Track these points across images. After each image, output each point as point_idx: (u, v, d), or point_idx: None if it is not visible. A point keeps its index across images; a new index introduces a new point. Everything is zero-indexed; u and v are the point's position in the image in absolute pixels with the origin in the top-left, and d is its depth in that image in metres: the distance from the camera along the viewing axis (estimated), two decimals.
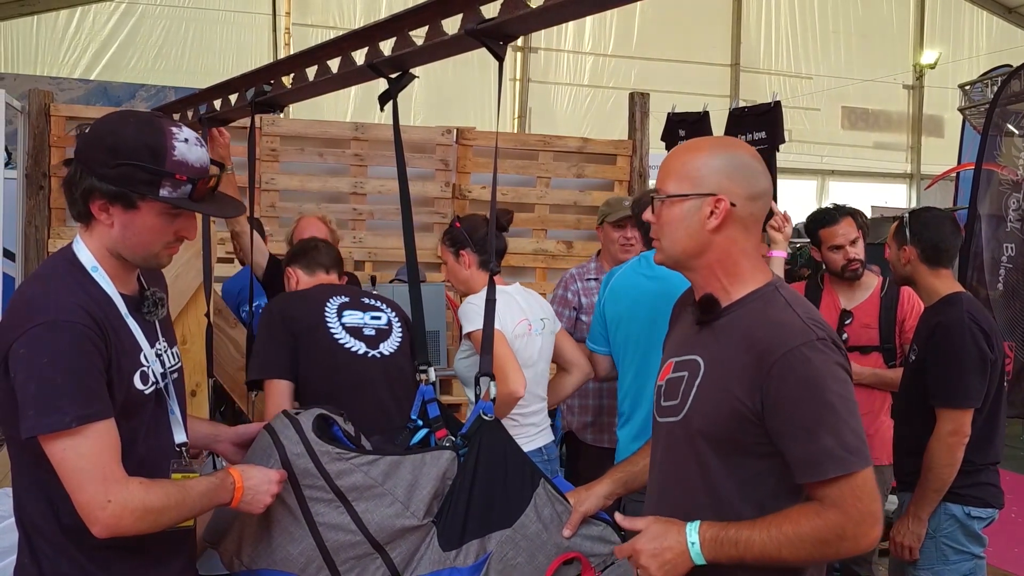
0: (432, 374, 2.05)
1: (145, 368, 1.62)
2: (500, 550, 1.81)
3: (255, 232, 3.27)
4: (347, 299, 2.64)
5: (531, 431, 2.80)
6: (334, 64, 2.23)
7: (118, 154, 1.53)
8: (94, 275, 1.60)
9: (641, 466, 1.88)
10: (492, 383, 1.92)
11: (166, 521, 1.55)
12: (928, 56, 16.52)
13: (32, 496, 1.59)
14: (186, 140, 1.58)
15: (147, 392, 1.62)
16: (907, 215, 2.84)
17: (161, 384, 1.66)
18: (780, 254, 3.13)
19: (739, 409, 1.51)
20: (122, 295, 1.63)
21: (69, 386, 1.47)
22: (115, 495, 1.48)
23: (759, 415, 1.50)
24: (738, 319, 1.57)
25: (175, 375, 1.74)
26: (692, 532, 1.52)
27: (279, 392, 2.42)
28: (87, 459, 1.47)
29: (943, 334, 2.65)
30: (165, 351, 1.71)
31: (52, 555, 1.58)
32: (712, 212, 1.57)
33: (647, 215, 1.66)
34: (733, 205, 1.57)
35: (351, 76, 2.18)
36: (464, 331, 2.70)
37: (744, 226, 1.60)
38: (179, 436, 1.70)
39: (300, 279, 2.75)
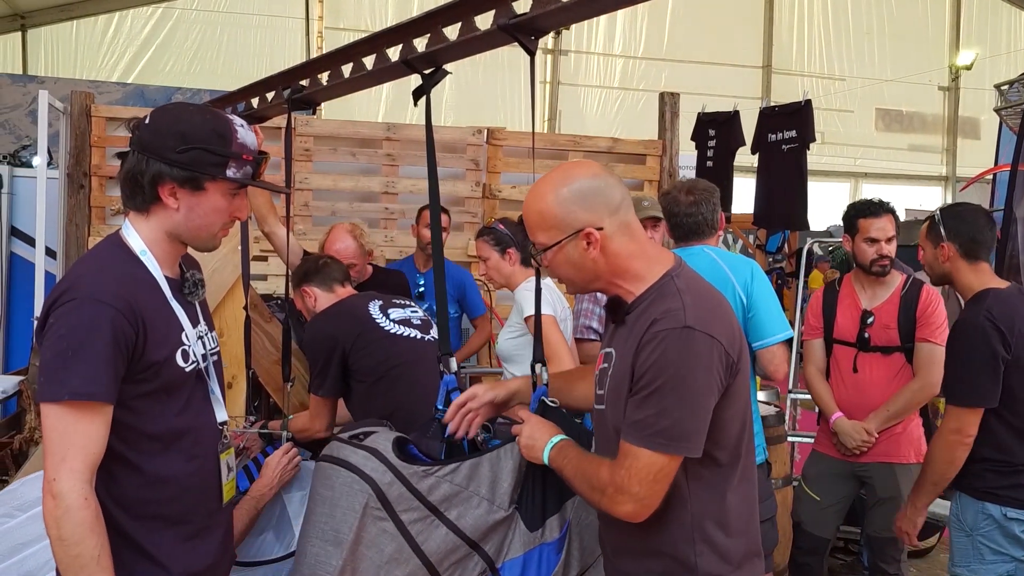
0: (454, 364, 2.12)
1: (186, 347, 1.68)
2: (575, 515, 1.93)
3: (277, 233, 3.39)
4: (382, 301, 2.88)
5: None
6: (369, 61, 2.27)
7: (188, 139, 1.62)
8: (142, 258, 1.67)
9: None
10: (544, 369, 2.01)
11: (59, 551, 1.51)
12: (964, 57, 16.29)
13: None
14: (242, 126, 1.69)
15: (188, 370, 1.68)
16: (939, 212, 2.80)
17: (202, 364, 1.72)
18: None
19: (628, 391, 1.62)
20: (166, 278, 1.70)
21: (76, 361, 1.51)
22: (61, 479, 1.50)
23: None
24: (640, 313, 1.67)
25: (215, 358, 1.81)
26: (549, 446, 1.78)
27: (331, 408, 2.80)
28: (59, 433, 1.51)
29: (957, 332, 2.66)
30: (206, 334, 1.78)
31: None
32: (588, 245, 1.66)
33: (543, 260, 1.74)
34: (601, 229, 1.65)
35: (385, 72, 2.22)
36: (525, 314, 3.01)
37: (623, 234, 1.68)
38: (220, 415, 1.77)
39: (318, 296, 2.95)
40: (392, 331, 2.79)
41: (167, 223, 1.68)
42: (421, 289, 4.34)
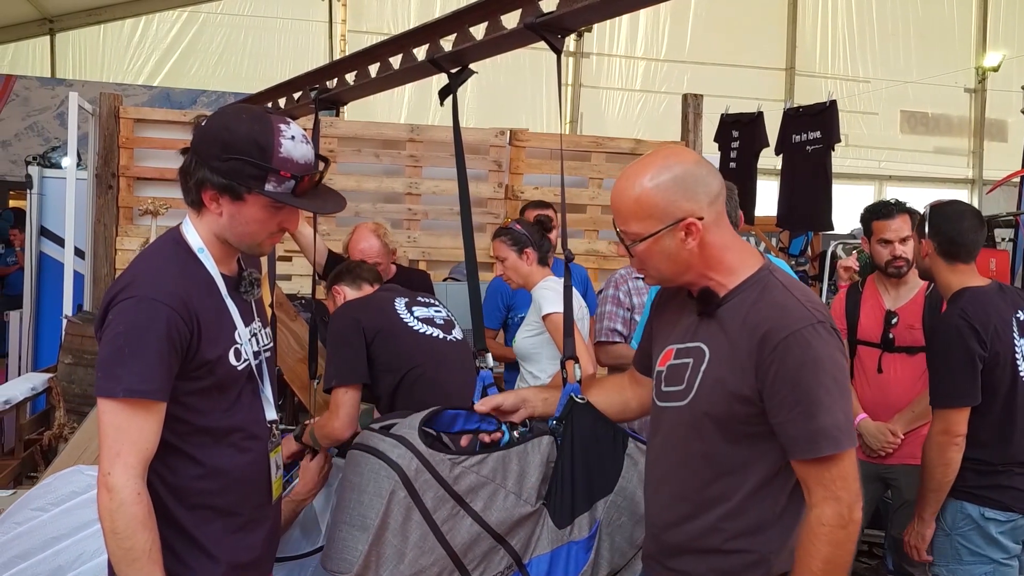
0: (490, 360, 2.13)
1: (238, 346, 1.70)
2: (607, 516, 1.93)
3: (303, 232, 3.42)
4: (407, 298, 2.89)
5: None
6: (395, 61, 2.29)
7: (229, 149, 1.60)
8: (200, 256, 1.69)
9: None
10: (577, 366, 2.02)
11: (112, 543, 1.54)
12: (991, 59, 16.09)
13: None
14: (293, 137, 1.63)
15: (240, 368, 1.70)
16: (928, 208, 2.79)
17: (253, 362, 1.74)
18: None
19: (743, 392, 1.58)
20: (223, 276, 1.71)
21: (132, 359, 1.54)
22: (115, 473, 1.53)
23: (760, 396, 1.56)
24: (738, 306, 1.62)
25: (267, 354, 1.82)
26: None
27: (350, 400, 2.54)
28: (114, 429, 1.54)
29: (935, 333, 2.68)
30: (259, 331, 1.79)
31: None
32: (686, 235, 1.60)
33: (620, 249, 1.69)
34: (701, 218, 1.59)
35: (412, 72, 2.24)
36: (543, 312, 3.01)
37: (716, 226, 1.63)
38: (269, 414, 1.78)
39: (347, 295, 2.97)
40: (416, 328, 2.79)
41: (214, 226, 1.69)
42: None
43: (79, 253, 5.37)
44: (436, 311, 2.92)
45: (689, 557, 1.68)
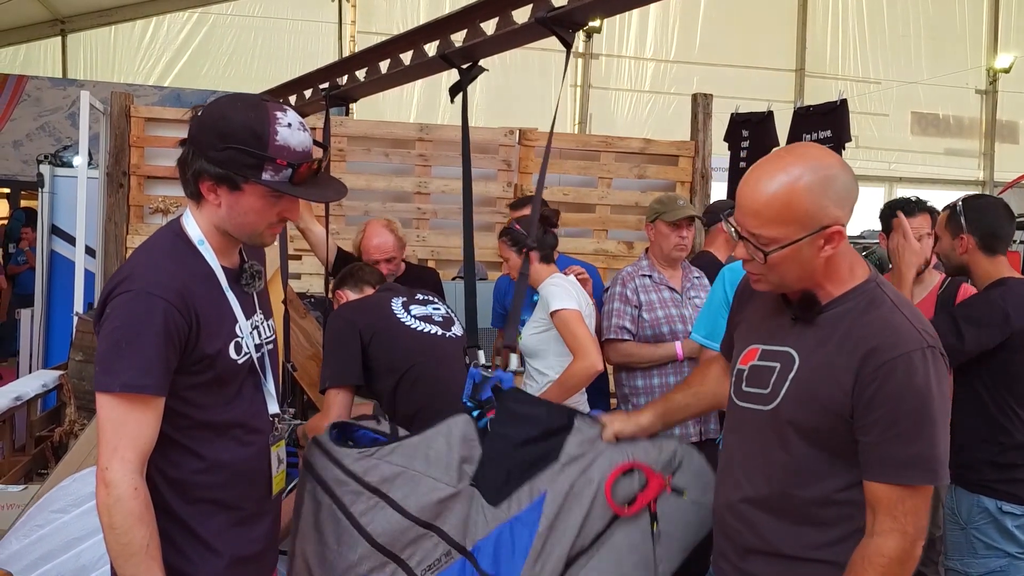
0: (482, 357, 2.13)
1: (239, 339, 1.68)
2: (553, 485, 1.84)
3: (313, 230, 3.43)
4: (405, 298, 2.87)
5: (579, 397, 3.15)
6: (406, 57, 2.29)
7: (225, 138, 1.57)
8: (200, 248, 1.67)
9: (677, 401, 1.93)
10: (514, 355, 2.04)
11: (110, 538, 1.53)
12: (1003, 60, 16.01)
13: None
14: (289, 125, 1.60)
15: (240, 362, 1.68)
16: (960, 203, 2.80)
17: (255, 355, 1.72)
18: None
19: (834, 407, 1.51)
20: (224, 268, 1.69)
21: (129, 354, 1.52)
22: (113, 468, 1.52)
23: (851, 412, 1.50)
24: (841, 316, 1.54)
25: (270, 347, 1.79)
26: None
27: (341, 402, 2.58)
28: (112, 424, 1.53)
29: (972, 301, 2.71)
30: (261, 323, 1.77)
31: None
32: (825, 243, 1.50)
33: (740, 252, 1.57)
34: (843, 225, 1.50)
35: (423, 68, 2.24)
36: (551, 309, 3.03)
37: (845, 232, 1.54)
38: (272, 407, 1.76)
39: (350, 299, 2.98)
40: (413, 326, 2.76)
41: (214, 217, 1.66)
42: None
43: (90, 251, 5.41)
44: (434, 308, 2.89)
45: (760, 560, 1.64)
